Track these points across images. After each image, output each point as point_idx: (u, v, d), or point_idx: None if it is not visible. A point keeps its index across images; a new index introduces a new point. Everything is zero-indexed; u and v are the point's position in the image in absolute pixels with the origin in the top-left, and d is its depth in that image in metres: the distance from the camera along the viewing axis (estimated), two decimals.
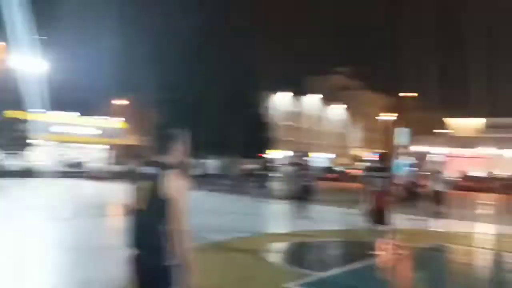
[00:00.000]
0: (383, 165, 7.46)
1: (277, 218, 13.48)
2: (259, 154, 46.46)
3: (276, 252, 7.62)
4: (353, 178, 46.89)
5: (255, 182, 21.66)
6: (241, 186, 21.96)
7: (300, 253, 8.19)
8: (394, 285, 6.67)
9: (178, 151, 3.01)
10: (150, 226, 2.84)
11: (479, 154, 47.90)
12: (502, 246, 9.67)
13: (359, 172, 13.47)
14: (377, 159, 7.83)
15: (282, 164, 34.59)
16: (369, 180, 7.30)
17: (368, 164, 10.48)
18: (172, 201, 2.79)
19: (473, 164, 47.25)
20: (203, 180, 22.20)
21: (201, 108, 34.61)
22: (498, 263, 8.41)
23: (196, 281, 2.83)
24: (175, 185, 2.82)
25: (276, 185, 22.50)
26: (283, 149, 55.89)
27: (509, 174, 33.56)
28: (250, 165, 37.51)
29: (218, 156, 23.97)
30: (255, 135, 45.69)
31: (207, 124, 31.33)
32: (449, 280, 7.01)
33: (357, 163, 73.28)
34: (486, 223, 13.92)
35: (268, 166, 32.61)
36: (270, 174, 27.35)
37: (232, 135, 39.56)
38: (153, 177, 2.87)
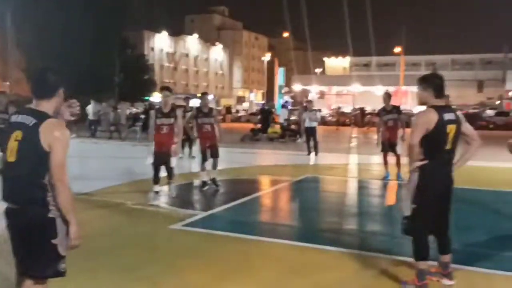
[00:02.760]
0: None
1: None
2: (142, 98, 44.99)
3: (161, 195, 7.69)
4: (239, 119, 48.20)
5: (138, 127, 20.89)
6: (122, 131, 21.17)
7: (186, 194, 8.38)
8: (272, 215, 7.24)
9: (56, 98, 2.82)
10: (26, 178, 2.70)
11: (347, 92, 51.75)
12: (364, 175, 10.90)
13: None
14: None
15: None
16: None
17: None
18: (50, 152, 2.65)
19: (341, 101, 51.19)
20: (82, 127, 20.89)
21: (69, 50, 31.85)
22: (362, 189, 9.50)
23: (78, 231, 2.78)
24: (53, 135, 2.66)
25: None
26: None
27: (373, 108, 36.31)
28: (133, 109, 36.11)
29: (96, 100, 22.62)
30: (136, 77, 43.80)
31: (76, 65, 29.03)
32: (321, 206, 7.80)
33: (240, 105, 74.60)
34: (351, 154, 15.52)
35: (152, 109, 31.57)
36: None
37: (108, 78, 37.45)
38: (26, 127, 2.68)
